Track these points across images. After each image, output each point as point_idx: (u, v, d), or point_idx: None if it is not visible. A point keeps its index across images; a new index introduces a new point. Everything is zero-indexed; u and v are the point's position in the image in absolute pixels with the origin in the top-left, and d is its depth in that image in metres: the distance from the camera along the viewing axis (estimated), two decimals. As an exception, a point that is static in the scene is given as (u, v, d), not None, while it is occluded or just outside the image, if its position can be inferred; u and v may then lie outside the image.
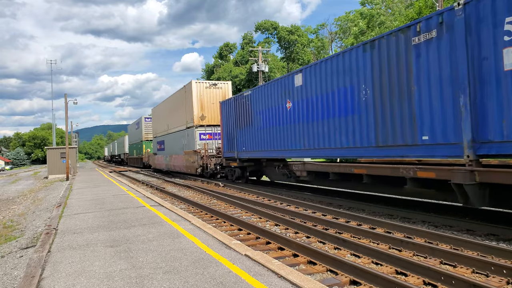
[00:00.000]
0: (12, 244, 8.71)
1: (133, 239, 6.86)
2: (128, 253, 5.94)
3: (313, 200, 12.83)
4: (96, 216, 9.56)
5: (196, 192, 17.23)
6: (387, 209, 10.09)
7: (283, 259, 6.45)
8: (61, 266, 5.44)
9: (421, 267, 5.46)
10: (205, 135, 23.62)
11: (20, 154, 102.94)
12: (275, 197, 13.60)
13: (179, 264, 5.27)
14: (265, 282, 4.44)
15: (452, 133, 7.75)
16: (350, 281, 5.42)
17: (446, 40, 7.84)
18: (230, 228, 9.23)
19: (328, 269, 5.88)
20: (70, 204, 12.20)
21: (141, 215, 9.41)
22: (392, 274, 5.59)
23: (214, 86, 24.82)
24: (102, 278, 4.83)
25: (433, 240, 7.10)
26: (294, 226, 8.80)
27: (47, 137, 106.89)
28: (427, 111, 8.28)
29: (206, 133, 23.69)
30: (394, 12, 40.07)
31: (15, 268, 6.45)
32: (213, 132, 23.90)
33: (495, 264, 5.49)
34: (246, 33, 63.43)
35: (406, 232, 7.74)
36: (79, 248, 6.38)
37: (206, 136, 23.66)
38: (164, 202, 11.59)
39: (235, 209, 12.02)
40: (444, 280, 5.06)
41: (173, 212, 9.60)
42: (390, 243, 7.06)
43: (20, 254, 7.47)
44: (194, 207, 12.64)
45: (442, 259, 6.07)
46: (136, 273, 4.98)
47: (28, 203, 17.64)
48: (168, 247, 6.19)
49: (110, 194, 14.44)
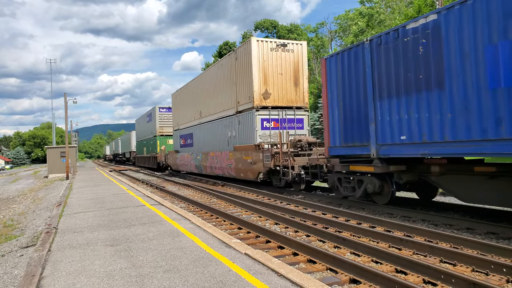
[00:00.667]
0: (13, 243, 8.72)
1: (133, 238, 6.87)
2: (128, 252, 5.95)
3: (313, 199, 12.83)
4: (96, 215, 9.56)
5: (196, 191, 17.24)
6: (387, 208, 10.09)
7: (283, 258, 6.46)
8: (61, 265, 5.44)
9: (421, 265, 5.46)
10: (269, 122, 16.61)
11: (20, 154, 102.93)
12: (275, 196, 13.61)
13: (179, 263, 5.27)
14: (265, 281, 4.45)
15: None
16: (350, 279, 5.43)
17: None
18: (230, 227, 9.24)
19: (328, 268, 5.88)
20: (70, 203, 12.20)
21: (141, 214, 9.41)
22: (392, 272, 5.59)
23: (283, 47, 17.08)
24: (102, 277, 4.83)
25: (432, 238, 7.11)
26: (294, 225, 8.81)
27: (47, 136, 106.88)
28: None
29: (270, 119, 16.66)
30: (394, 10, 40.03)
31: (15, 267, 6.46)
32: (280, 117, 16.79)
33: (495, 263, 5.49)
34: (246, 32, 63.42)
35: (406, 231, 7.75)
36: (79, 247, 6.38)
37: (271, 124, 16.66)
38: (164, 201, 11.59)
39: (235, 208, 12.03)
40: (444, 278, 5.07)
41: (173, 211, 9.60)
42: (389, 241, 7.06)
43: (21, 253, 7.47)
44: (194, 206, 12.65)
45: (442, 257, 6.08)
46: (136, 272, 4.98)
47: (28, 202, 17.64)
48: (168, 246, 6.20)
49: (110, 193, 14.44)
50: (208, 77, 22.53)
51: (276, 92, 16.74)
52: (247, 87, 17.09)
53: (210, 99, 22.00)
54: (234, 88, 18.48)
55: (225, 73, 19.77)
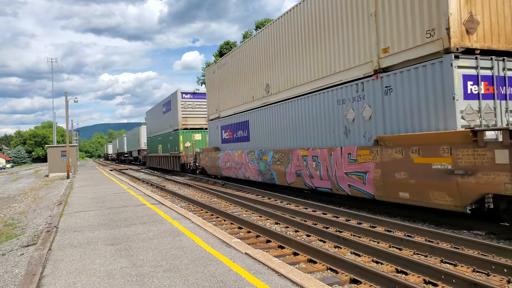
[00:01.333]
0: (13, 242, 8.72)
1: (133, 237, 6.87)
2: (128, 251, 5.95)
3: (313, 199, 12.82)
4: (97, 214, 9.57)
5: (196, 190, 17.24)
6: (387, 208, 10.08)
7: (283, 258, 6.46)
8: (62, 264, 5.45)
9: (422, 265, 5.46)
10: (477, 83, 7.88)
11: (21, 152, 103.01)
12: (276, 195, 13.60)
13: (180, 262, 5.27)
14: (265, 281, 4.44)
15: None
16: (350, 279, 5.42)
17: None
18: (231, 227, 9.23)
19: (328, 268, 5.88)
20: (71, 202, 12.21)
21: (142, 213, 9.42)
22: (392, 272, 5.59)
23: None
24: (102, 276, 4.83)
25: (433, 238, 7.10)
26: (294, 225, 8.80)
27: (47, 135, 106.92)
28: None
29: (479, 78, 7.87)
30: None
31: (16, 266, 6.46)
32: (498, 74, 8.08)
33: (496, 263, 5.48)
34: (246, 32, 63.34)
35: (407, 231, 7.74)
36: (80, 246, 6.38)
37: (481, 88, 7.94)
38: (165, 201, 11.60)
39: (236, 208, 12.03)
40: (445, 279, 5.06)
41: (174, 211, 9.61)
42: (390, 241, 7.06)
43: (21, 252, 7.48)
44: (194, 205, 12.65)
45: (442, 257, 6.07)
46: (136, 271, 4.98)
47: (29, 201, 17.65)
48: (168, 245, 6.19)
49: (110, 192, 14.45)
50: (294, 20, 13.41)
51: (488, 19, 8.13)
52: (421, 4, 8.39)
53: (300, 56, 13.12)
54: (372, 22, 9.76)
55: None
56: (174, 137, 29.40)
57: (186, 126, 28.54)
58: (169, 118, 31.16)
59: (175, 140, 29.10)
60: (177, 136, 28.58)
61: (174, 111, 29.47)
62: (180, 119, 28.42)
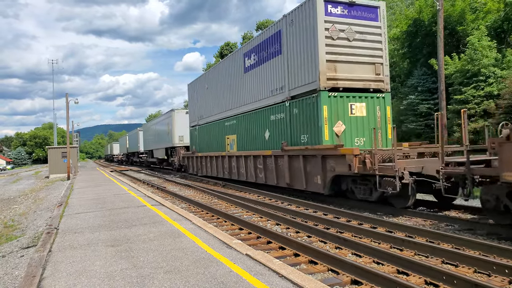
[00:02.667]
0: (13, 244, 8.72)
1: (134, 238, 6.86)
2: (129, 252, 5.94)
3: (314, 199, 12.81)
4: (97, 215, 9.56)
5: (197, 191, 17.22)
6: (388, 208, 10.07)
7: (284, 259, 6.44)
8: (62, 265, 5.44)
9: (423, 266, 5.44)
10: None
11: (21, 154, 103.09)
12: (276, 196, 13.59)
13: (180, 263, 5.26)
14: (266, 282, 4.43)
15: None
16: (351, 280, 5.41)
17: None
18: (231, 228, 9.22)
19: (329, 269, 5.87)
20: (71, 203, 12.20)
21: (142, 214, 9.40)
22: (393, 273, 5.57)
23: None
24: (103, 278, 4.82)
25: (434, 239, 7.08)
26: (295, 226, 8.79)
27: (48, 136, 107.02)
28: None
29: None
30: (395, 11, 40.00)
31: (16, 268, 6.45)
32: None
33: (497, 264, 5.47)
34: (246, 32, 63.39)
35: (407, 232, 7.72)
36: (80, 248, 6.37)
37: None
38: (165, 202, 11.59)
39: (236, 209, 12.02)
40: (446, 279, 5.04)
41: (174, 212, 9.59)
42: (391, 242, 7.04)
43: (21, 253, 7.47)
44: (195, 206, 12.64)
45: (443, 258, 6.05)
46: (137, 272, 4.97)
47: (29, 202, 17.65)
48: (169, 246, 6.18)
49: (111, 194, 14.44)
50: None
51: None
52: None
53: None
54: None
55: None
56: (307, 109, 13.02)
57: (335, 81, 12.40)
58: (280, 68, 14.74)
59: (311, 114, 12.82)
60: (315, 106, 12.53)
61: (309, 46, 12.74)
62: (322, 64, 12.25)
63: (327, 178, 11.74)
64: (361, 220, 9.10)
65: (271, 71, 15.40)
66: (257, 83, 16.68)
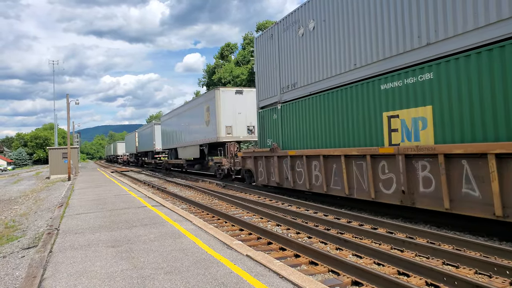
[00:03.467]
0: (14, 244, 8.72)
1: (134, 239, 6.86)
2: (129, 253, 5.94)
3: (314, 200, 12.80)
4: (98, 216, 9.56)
5: (197, 192, 17.22)
6: (389, 209, 10.06)
7: (284, 260, 6.44)
8: (63, 266, 5.44)
9: (424, 267, 5.44)
10: None
11: (22, 154, 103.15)
12: (277, 197, 13.58)
13: (181, 264, 5.26)
14: (266, 283, 4.43)
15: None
16: (352, 281, 5.40)
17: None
18: (232, 229, 9.22)
19: (329, 270, 5.86)
20: (72, 204, 12.21)
21: (143, 215, 9.41)
22: (394, 274, 5.57)
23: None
24: (103, 279, 4.82)
25: (435, 240, 7.07)
26: (295, 227, 8.78)
27: (49, 137, 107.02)
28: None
29: None
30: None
31: (16, 268, 6.45)
32: None
33: (498, 265, 5.46)
34: (247, 33, 63.40)
35: (408, 233, 7.71)
36: (81, 248, 6.37)
37: None
38: (166, 202, 11.58)
39: (237, 209, 12.01)
40: (447, 281, 5.04)
41: (175, 212, 9.59)
42: (392, 243, 7.03)
43: (22, 254, 7.47)
44: (195, 207, 12.64)
45: (444, 259, 6.05)
46: (137, 273, 4.97)
47: (30, 203, 17.66)
48: (169, 247, 6.18)
49: (111, 194, 14.44)
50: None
51: None
52: None
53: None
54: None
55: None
56: None
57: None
58: None
59: None
60: None
61: None
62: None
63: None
64: (362, 221, 9.09)
65: None
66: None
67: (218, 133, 21.67)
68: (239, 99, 21.49)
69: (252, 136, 21.83)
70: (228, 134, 21.67)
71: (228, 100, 21.91)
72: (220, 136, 21.65)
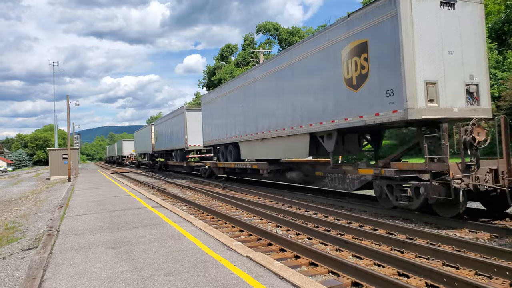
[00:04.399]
0: (14, 246, 8.72)
1: (134, 240, 6.86)
2: (129, 254, 5.94)
3: (314, 201, 12.81)
4: (98, 217, 9.56)
5: (197, 193, 17.22)
6: (389, 211, 10.06)
7: (284, 261, 6.43)
8: (63, 267, 5.44)
9: (424, 268, 5.44)
10: None
11: (22, 156, 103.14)
12: (277, 198, 13.58)
13: (181, 265, 5.26)
14: (266, 284, 4.43)
15: None
16: (352, 282, 5.40)
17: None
18: (232, 230, 9.22)
19: (330, 271, 5.86)
20: (72, 205, 12.21)
21: (143, 216, 9.41)
22: (394, 275, 5.57)
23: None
24: (103, 280, 4.82)
25: (435, 241, 7.07)
26: (295, 228, 8.78)
27: (49, 138, 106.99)
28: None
29: None
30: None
31: (16, 270, 6.45)
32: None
33: (498, 266, 5.46)
34: (247, 35, 63.51)
35: (408, 234, 7.71)
36: (81, 250, 6.38)
37: None
38: (166, 204, 11.59)
39: (237, 210, 12.01)
40: (447, 282, 5.04)
41: (175, 214, 9.59)
42: (392, 244, 7.03)
43: (22, 255, 7.47)
44: (195, 208, 12.64)
45: (444, 260, 6.05)
46: (137, 274, 4.97)
47: (30, 204, 17.66)
48: (169, 248, 6.18)
49: (111, 196, 14.44)
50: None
51: None
52: None
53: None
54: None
55: None
56: None
57: None
58: None
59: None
60: None
61: None
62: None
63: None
64: (362, 222, 9.10)
65: None
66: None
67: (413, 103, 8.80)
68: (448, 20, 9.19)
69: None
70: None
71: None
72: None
